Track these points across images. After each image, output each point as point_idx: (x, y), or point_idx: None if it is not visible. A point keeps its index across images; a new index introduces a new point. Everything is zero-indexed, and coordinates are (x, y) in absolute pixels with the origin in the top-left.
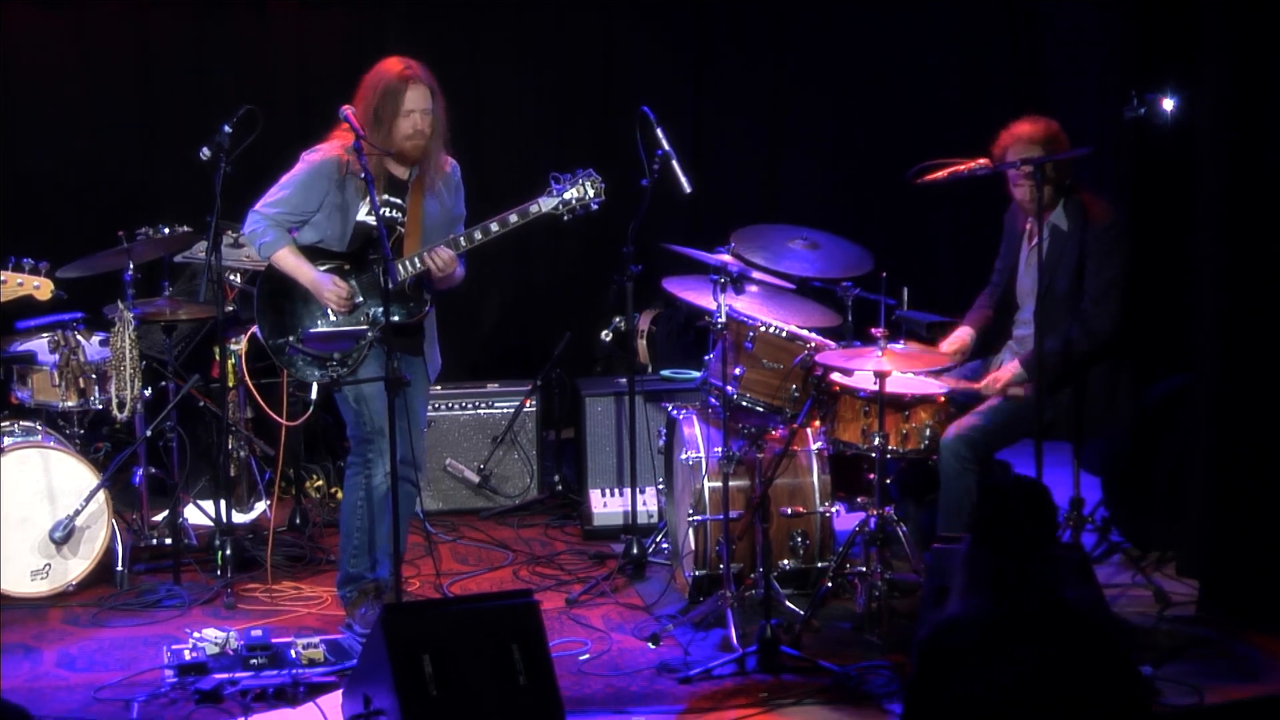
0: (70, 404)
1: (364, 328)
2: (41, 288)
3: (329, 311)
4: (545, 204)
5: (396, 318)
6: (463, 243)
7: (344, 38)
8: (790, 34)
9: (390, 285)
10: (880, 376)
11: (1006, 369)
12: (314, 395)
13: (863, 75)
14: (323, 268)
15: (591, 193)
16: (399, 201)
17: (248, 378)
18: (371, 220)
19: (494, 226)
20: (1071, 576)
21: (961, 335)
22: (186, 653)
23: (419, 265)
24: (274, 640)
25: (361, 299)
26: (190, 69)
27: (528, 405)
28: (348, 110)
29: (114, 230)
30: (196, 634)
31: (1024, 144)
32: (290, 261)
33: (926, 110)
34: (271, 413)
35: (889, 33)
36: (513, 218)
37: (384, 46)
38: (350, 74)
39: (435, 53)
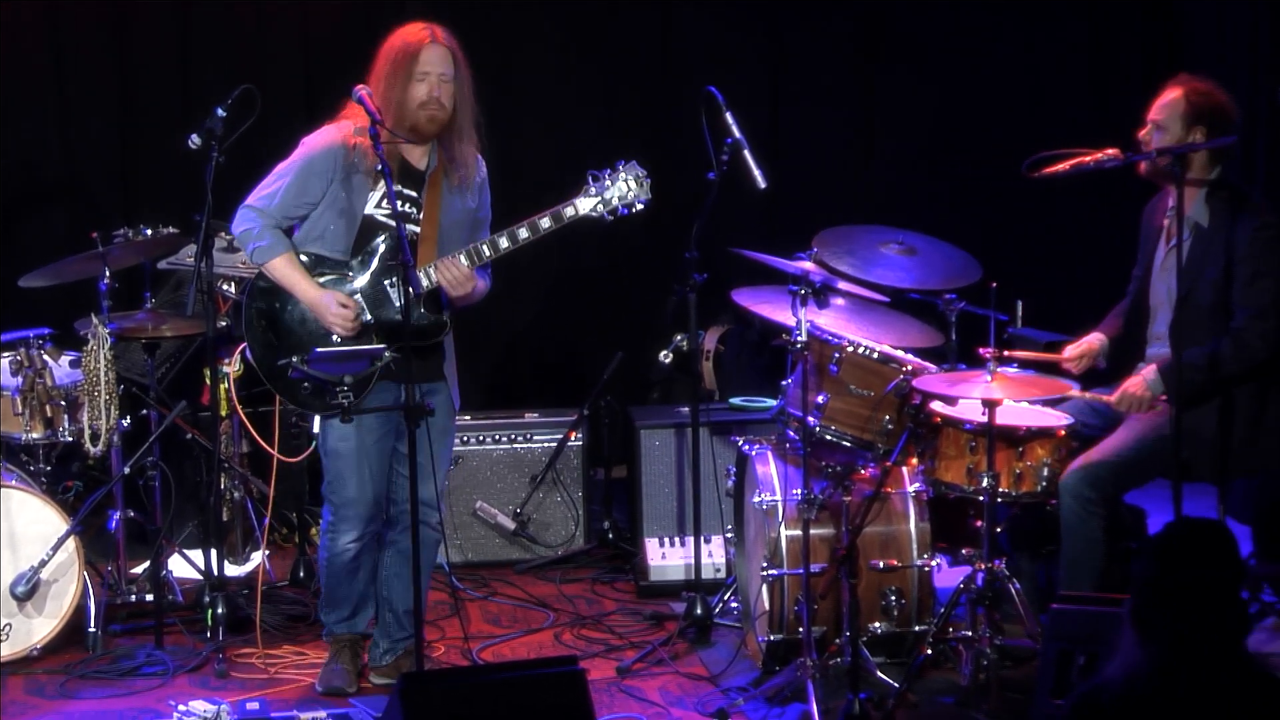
0: (35, 435)
1: (381, 346)
2: None
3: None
4: (582, 205)
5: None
6: (486, 252)
7: (354, 9)
8: (885, 4)
9: (415, 293)
10: (989, 406)
11: (1139, 374)
12: (316, 427)
13: (970, 52)
14: (322, 279)
15: (636, 190)
16: (414, 195)
17: (238, 407)
18: (380, 216)
19: (523, 233)
20: None
21: (1090, 340)
22: None
23: (433, 277)
24: (273, 714)
25: (370, 317)
26: (175, 44)
27: (572, 438)
28: (362, 91)
29: (87, 232)
30: (182, 706)
31: (1182, 93)
32: (286, 273)
33: (1044, 93)
34: (266, 445)
35: (1001, 7)
36: (544, 222)
37: (401, 17)
38: (362, 51)
39: (461, 26)
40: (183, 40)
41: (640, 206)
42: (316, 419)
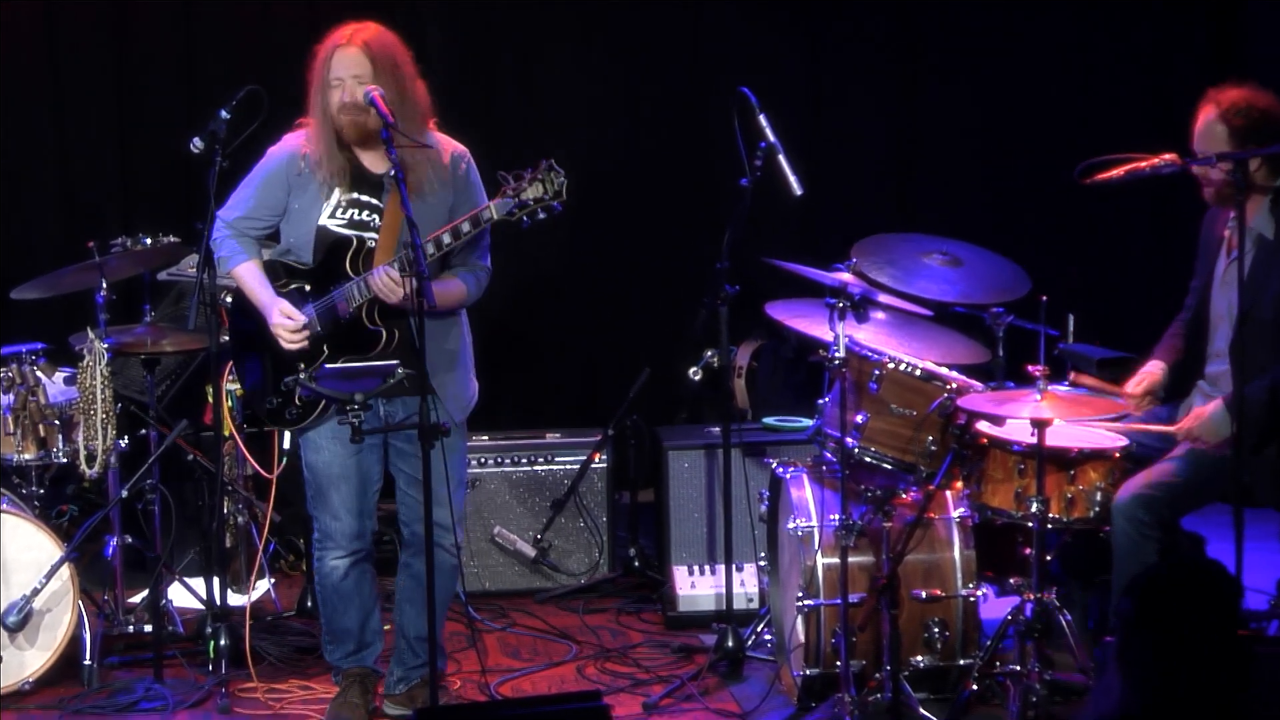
0: (28, 456)
1: (394, 362)
2: None
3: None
4: (498, 209)
5: (349, 362)
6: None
7: (364, 8)
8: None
9: (429, 304)
10: (1039, 426)
11: (1205, 409)
12: (286, 444)
13: (1018, 51)
14: (283, 290)
15: (550, 191)
16: (375, 202)
17: (232, 428)
18: (333, 226)
19: (446, 238)
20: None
21: (1151, 371)
22: None
23: (373, 286)
24: None
25: (321, 329)
26: (177, 44)
27: (596, 460)
28: (375, 92)
29: (83, 241)
30: None
31: (1217, 116)
32: (245, 282)
33: (1097, 94)
34: (261, 469)
35: (1051, 4)
36: (465, 226)
37: (415, 15)
38: None
39: (480, 24)
40: (185, 40)
41: (557, 209)
42: (287, 436)
